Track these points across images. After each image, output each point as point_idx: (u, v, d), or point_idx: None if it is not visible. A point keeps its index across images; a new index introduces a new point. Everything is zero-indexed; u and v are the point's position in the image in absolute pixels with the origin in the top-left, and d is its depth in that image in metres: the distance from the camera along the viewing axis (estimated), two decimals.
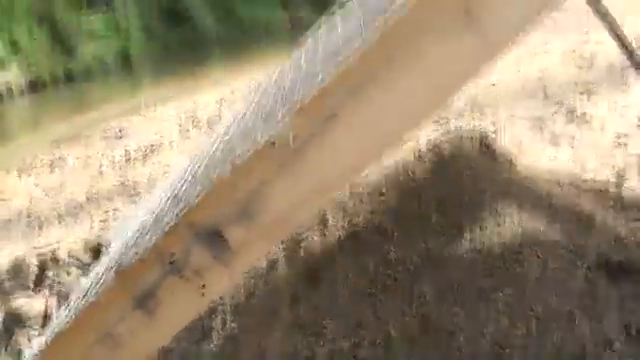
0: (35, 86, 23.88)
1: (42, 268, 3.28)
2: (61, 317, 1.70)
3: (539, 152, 3.83)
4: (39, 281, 3.27)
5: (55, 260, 3.29)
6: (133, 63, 25.67)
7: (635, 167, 3.30)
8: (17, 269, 3.50)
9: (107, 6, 27.86)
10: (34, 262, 3.62)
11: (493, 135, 4.07)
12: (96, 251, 3.29)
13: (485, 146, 2.48)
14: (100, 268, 1.89)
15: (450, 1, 1.23)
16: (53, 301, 2.91)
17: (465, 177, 2.25)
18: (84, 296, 1.59)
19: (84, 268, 3.21)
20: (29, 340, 2.71)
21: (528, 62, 6.78)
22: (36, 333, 2.72)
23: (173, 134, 7.96)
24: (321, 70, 1.39)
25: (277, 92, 1.85)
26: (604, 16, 2.84)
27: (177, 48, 27.31)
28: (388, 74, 1.26)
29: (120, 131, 9.11)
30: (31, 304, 2.91)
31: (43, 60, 24.60)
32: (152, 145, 7.44)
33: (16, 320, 2.93)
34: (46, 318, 2.75)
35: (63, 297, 2.71)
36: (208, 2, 30.38)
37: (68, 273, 3.18)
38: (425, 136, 3.69)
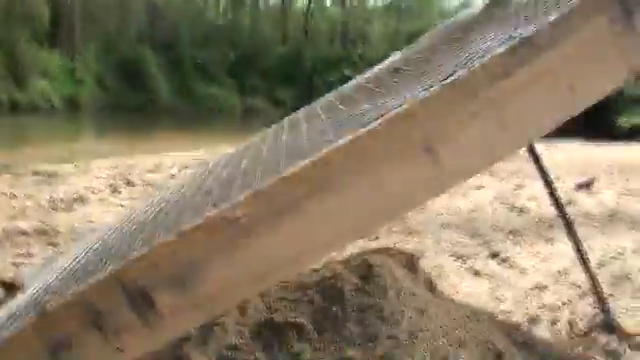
0: None
1: None
2: None
3: (458, 282, 3.95)
4: None
5: None
6: (80, 111, 25.50)
7: (548, 316, 3.43)
8: None
9: (68, 51, 27.89)
10: None
11: (418, 257, 4.19)
12: (9, 287, 3.17)
13: (410, 266, 2.55)
14: (15, 304, 1.83)
15: (413, 134, 1.31)
16: None
17: (388, 292, 2.30)
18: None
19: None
20: None
21: (462, 197, 7.04)
22: None
23: (104, 190, 7.87)
24: (283, 163, 1.45)
25: (234, 169, 1.89)
26: (540, 167, 3.02)
27: (128, 108, 27.33)
28: (345, 182, 1.33)
29: (50, 176, 8.97)
30: None
31: None
32: (81, 196, 7.34)
33: None
34: None
35: None
36: (166, 74, 30.61)
37: None
38: (356, 248, 3.78)
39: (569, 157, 10.90)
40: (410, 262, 2.57)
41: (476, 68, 1.29)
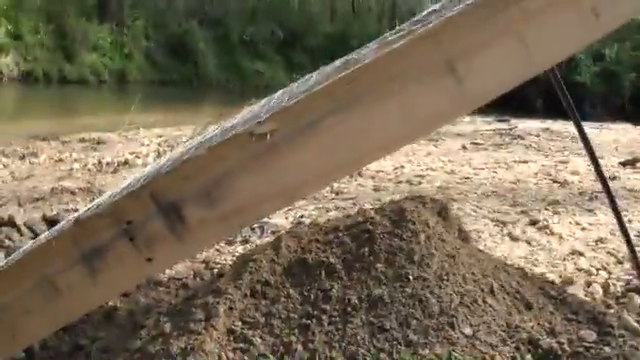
0: (27, 79, 23.91)
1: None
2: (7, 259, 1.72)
3: (495, 245, 3.96)
4: None
5: (11, 223, 3.29)
6: (128, 85, 25.86)
7: (583, 279, 3.42)
8: None
9: (117, 25, 28.24)
10: None
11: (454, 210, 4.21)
12: (52, 224, 3.28)
13: (444, 214, 2.57)
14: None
15: (436, 53, 1.33)
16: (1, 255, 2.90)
17: (419, 236, 2.32)
18: (34, 241, 1.62)
19: (37, 237, 3.21)
20: None
21: (506, 169, 7.02)
22: None
23: (149, 156, 8.03)
24: (311, 86, 1.48)
25: (264, 104, 1.94)
26: (584, 140, 3.00)
27: (175, 82, 27.61)
28: (369, 100, 1.35)
29: (98, 143, 9.19)
30: None
31: (41, 56, 24.74)
32: (126, 161, 7.51)
33: None
34: None
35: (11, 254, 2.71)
36: (214, 49, 30.78)
37: (21, 234, 3.18)
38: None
39: (617, 138, 10.76)
40: (443, 210, 2.58)
41: None
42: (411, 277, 2.24)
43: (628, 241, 3.18)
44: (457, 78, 1.33)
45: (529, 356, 2.20)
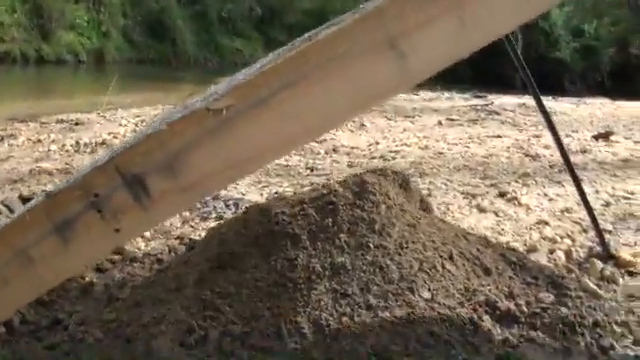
0: (5, 59, 23.68)
1: None
2: None
3: (463, 217, 4.07)
4: None
5: None
6: (106, 64, 25.69)
7: (547, 247, 3.54)
8: None
9: (94, 4, 27.95)
10: None
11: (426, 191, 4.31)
12: (28, 200, 3.35)
13: (405, 186, 2.67)
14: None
15: (380, 31, 1.42)
16: None
17: (380, 206, 2.43)
18: (10, 217, 1.71)
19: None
20: None
21: (479, 144, 7.14)
22: None
23: (126, 136, 8.06)
24: (263, 64, 1.57)
25: (226, 82, 2.03)
26: (546, 116, 3.11)
27: (153, 61, 27.45)
28: (317, 77, 1.45)
29: (76, 124, 9.20)
30: None
31: (18, 36, 24.49)
32: (104, 141, 7.54)
33: None
34: None
35: None
36: (192, 27, 30.56)
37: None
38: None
39: (592, 112, 10.90)
40: (405, 182, 2.69)
41: None
42: (372, 245, 2.34)
43: (589, 209, 3.30)
44: (399, 54, 1.42)
45: (487, 317, 2.32)
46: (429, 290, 2.30)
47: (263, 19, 33.51)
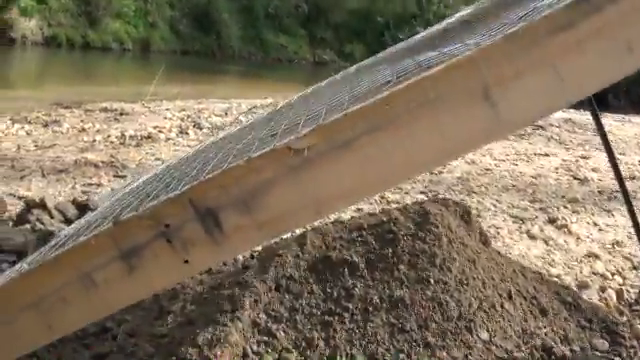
0: (51, 43, 24.04)
1: (27, 208, 3.36)
2: (43, 252, 1.80)
3: (513, 243, 4.00)
4: (21, 220, 3.35)
5: (42, 205, 3.37)
6: (151, 54, 25.93)
7: (598, 283, 3.45)
8: None
9: None
10: (18, 202, 3.70)
11: (475, 212, 4.24)
12: (82, 208, 3.36)
13: (466, 219, 2.62)
14: (90, 218, 1.99)
15: (472, 80, 1.38)
16: (33, 238, 2.98)
17: (442, 239, 2.38)
18: (72, 238, 1.69)
19: (67, 220, 3.30)
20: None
21: (527, 163, 7.03)
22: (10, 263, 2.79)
23: (172, 131, 8.10)
24: (348, 103, 1.53)
25: (300, 110, 1.99)
26: (603, 137, 3.03)
27: (198, 53, 27.67)
28: (405, 122, 1.40)
29: (121, 114, 9.27)
30: (10, 237, 2.98)
31: (65, 21, 24.85)
32: (149, 135, 7.58)
33: None
34: (22, 254, 2.82)
35: (42, 238, 2.79)
36: (238, 21, 30.76)
37: (52, 216, 3.25)
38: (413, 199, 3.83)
39: (639, 133, 10.67)
40: (466, 214, 2.63)
41: (538, 19, 1.34)
42: (432, 280, 2.29)
43: None
44: (491, 104, 1.37)
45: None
46: (487, 331, 2.24)
47: (309, 16, 33.55)
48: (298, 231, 3.61)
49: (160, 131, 7.93)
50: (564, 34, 1.35)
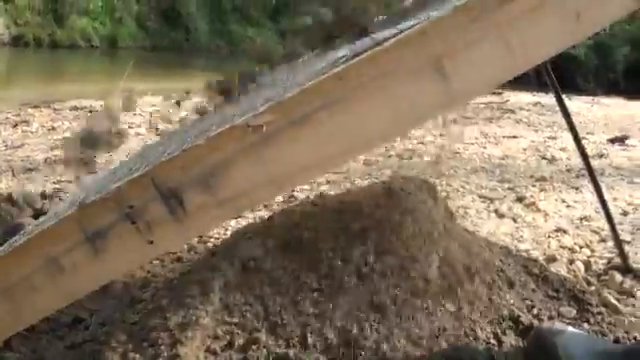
0: (18, 43, 23.76)
1: None
2: (11, 242, 1.80)
3: (481, 222, 4.06)
4: None
5: (10, 200, 3.36)
6: (119, 50, 25.73)
7: (566, 256, 3.52)
8: None
9: None
10: None
11: (444, 194, 4.30)
12: (51, 199, 3.35)
13: (433, 195, 2.66)
14: (57, 209, 2.00)
15: (424, 53, 1.41)
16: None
17: (410, 212, 2.42)
18: (38, 225, 1.70)
19: (37, 214, 3.29)
20: None
21: (495, 144, 7.12)
22: None
23: (142, 126, 8.07)
24: (304, 81, 1.56)
25: (257, 95, 2.01)
26: (568, 119, 3.08)
27: (166, 47, 27.50)
28: (359, 96, 1.44)
29: (90, 111, 9.20)
30: None
31: (32, 20, 24.57)
32: (119, 132, 7.54)
33: None
34: None
35: (11, 231, 2.78)
36: (205, 14, 30.62)
37: (20, 210, 3.25)
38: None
39: (607, 114, 10.83)
40: (432, 190, 2.67)
41: None
42: (399, 254, 2.33)
43: (609, 219, 3.28)
44: (444, 76, 1.41)
45: (510, 332, 2.31)
46: (454, 303, 2.29)
47: (277, 8, 33.47)
48: (265, 210, 3.63)
49: (130, 127, 7.90)
50: (512, 4, 1.39)
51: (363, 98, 1.41)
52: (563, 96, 2.97)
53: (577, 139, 3.13)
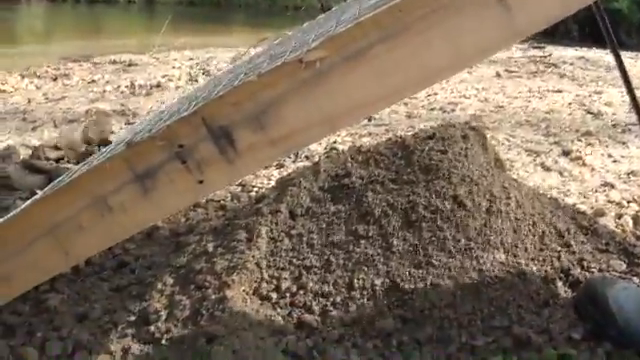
0: None
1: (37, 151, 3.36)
2: (55, 183, 1.79)
3: (528, 175, 3.98)
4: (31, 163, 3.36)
5: (55, 147, 3.38)
6: (156, 5, 25.68)
7: (614, 210, 3.44)
8: (6, 154, 3.59)
9: None
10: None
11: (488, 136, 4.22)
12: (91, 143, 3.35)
13: (483, 143, 2.59)
14: (104, 149, 1.98)
15: None
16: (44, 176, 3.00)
17: (460, 157, 2.37)
18: (86, 164, 1.68)
19: (80, 157, 3.30)
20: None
21: (539, 98, 6.96)
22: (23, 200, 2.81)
23: (181, 79, 8.06)
24: (360, 14, 1.49)
25: (311, 30, 1.95)
26: (623, 72, 2.97)
27: (203, 3, 27.37)
28: (419, 29, 1.37)
29: (129, 65, 9.23)
30: (22, 177, 2.99)
31: None
32: (158, 84, 7.55)
33: (8, 187, 3.02)
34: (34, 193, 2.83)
35: (56, 175, 2.79)
36: None
37: (64, 157, 3.26)
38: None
39: None
40: (482, 138, 2.61)
41: None
42: (450, 200, 2.28)
43: None
44: (507, 8, 1.34)
45: (560, 283, 2.26)
46: (505, 252, 2.24)
47: None
48: (307, 160, 3.59)
49: (170, 80, 7.90)
50: None
51: (422, 32, 1.34)
52: (606, 51, 2.86)
53: (632, 94, 3.02)
